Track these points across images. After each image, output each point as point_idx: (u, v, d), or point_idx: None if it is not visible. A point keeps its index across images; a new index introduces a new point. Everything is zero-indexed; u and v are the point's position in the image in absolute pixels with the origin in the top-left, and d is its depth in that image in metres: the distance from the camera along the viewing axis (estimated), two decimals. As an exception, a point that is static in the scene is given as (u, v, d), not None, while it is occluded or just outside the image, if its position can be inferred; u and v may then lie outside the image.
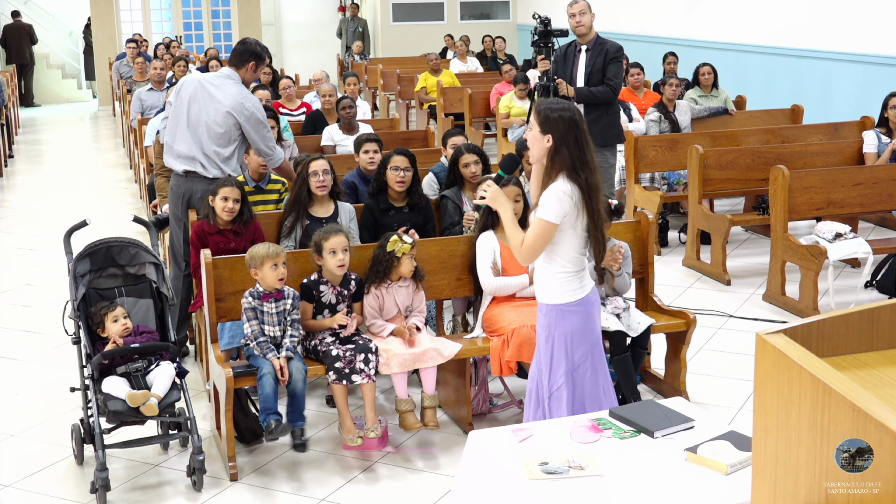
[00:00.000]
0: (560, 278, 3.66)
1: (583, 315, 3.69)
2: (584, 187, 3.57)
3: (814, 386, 1.72)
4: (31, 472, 4.44)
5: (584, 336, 3.70)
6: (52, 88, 20.09)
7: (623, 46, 7.20)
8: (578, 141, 3.58)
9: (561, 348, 3.70)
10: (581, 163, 3.57)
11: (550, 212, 3.54)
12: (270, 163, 5.69)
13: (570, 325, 3.68)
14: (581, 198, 3.57)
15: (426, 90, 12.83)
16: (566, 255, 3.63)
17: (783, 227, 6.48)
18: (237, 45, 5.81)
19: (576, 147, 3.57)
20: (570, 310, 3.67)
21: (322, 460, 4.50)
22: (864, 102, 9.29)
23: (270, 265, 4.42)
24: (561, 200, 3.54)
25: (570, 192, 3.55)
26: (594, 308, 3.74)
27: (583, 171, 3.57)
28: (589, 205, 3.58)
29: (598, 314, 3.77)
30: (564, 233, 3.60)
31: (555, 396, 3.73)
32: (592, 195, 3.58)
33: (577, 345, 3.69)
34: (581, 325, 3.69)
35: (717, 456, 2.96)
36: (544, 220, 3.55)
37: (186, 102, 5.57)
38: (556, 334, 3.70)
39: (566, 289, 3.66)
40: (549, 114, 3.60)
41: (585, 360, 3.72)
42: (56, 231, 6.80)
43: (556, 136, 3.58)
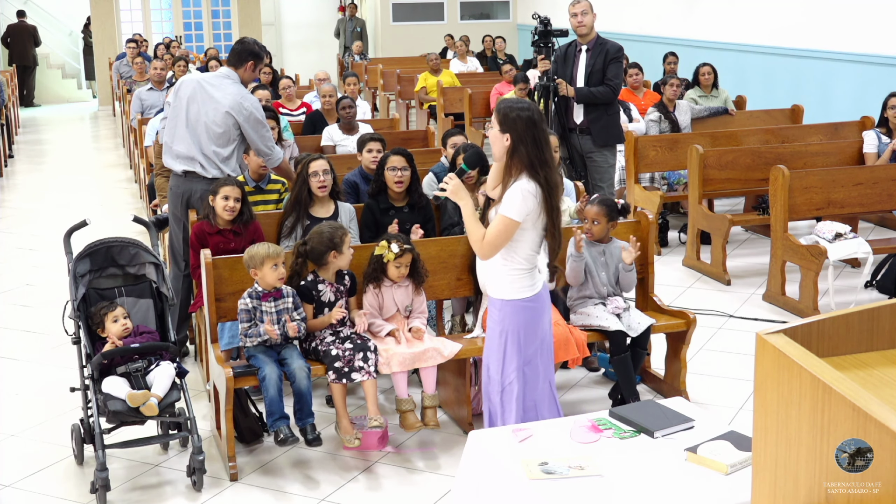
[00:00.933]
0: (515, 274, 3.70)
1: (535, 311, 3.75)
2: (544, 185, 3.60)
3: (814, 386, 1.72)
4: (31, 472, 4.44)
5: (535, 331, 3.77)
6: (52, 88, 20.09)
7: (623, 47, 7.20)
8: (536, 139, 3.61)
9: (514, 343, 3.75)
10: (540, 161, 3.61)
11: (514, 209, 3.59)
12: (269, 163, 5.69)
13: (523, 320, 3.73)
14: (543, 196, 3.61)
15: (426, 90, 12.83)
16: (523, 253, 3.67)
17: (783, 227, 6.48)
18: (235, 44, 5.81)
19: (534, 146, 3.60)
20: (524, 305, 3.72)
21: (322, 460, 4.50)
22: (864, 102, 9.29)
23: (271, 265, 4.43)
24: (526, 199, 3.58)
25: (534, 192, 3.59)
26: (545, 305, 3.81)
27: (542, 169, 3.60)
28: (549, 203, 3.62)
29: (548, 311, 3.83)
30: (525, 231, 3.64)
31: (507, 391, 3.78)
32: (552, 193, 3.62)
33: (529, 340, 3.76)
34: (533, 320, 3.75)
35: (717, 456, 2.96)
36: (508, 217, 3.59)
37: (185, 102, 5.57)
38: (510, 329, 3.74)
39: (521, 285, 3.71)
40: (508, 112, 3.64)
41: (536, 355, 3.78)
42: (56, 231, 6.80)
43: (514, 134, 3.62)
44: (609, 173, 7.15)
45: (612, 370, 5.09)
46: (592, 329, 4.81)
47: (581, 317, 4.87)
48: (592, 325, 4.81)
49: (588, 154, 7.07)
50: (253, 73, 5.72)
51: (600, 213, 4.88)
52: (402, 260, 4.62)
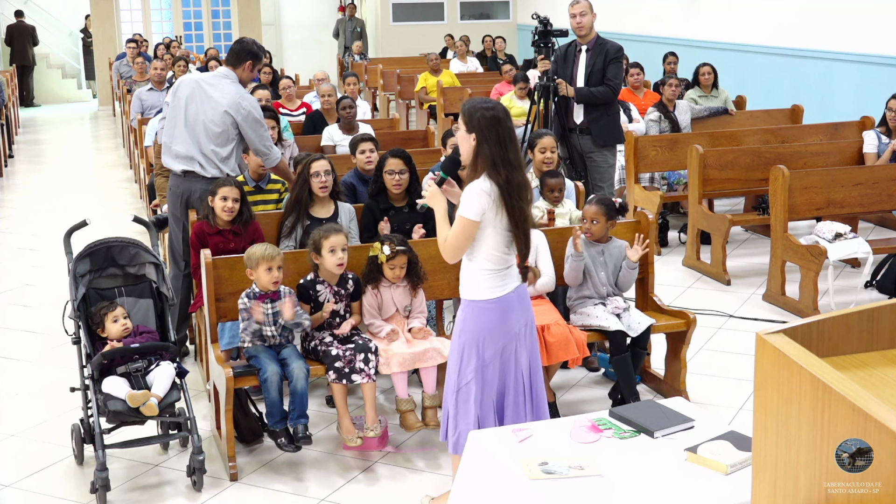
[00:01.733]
0: (480, 275, 3.67)
1: (498, 313, 3.68)
2: (503, 185, 3.56)
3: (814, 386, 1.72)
4: (31, 472, 4.44)
5: (497, 335, 3.69)
6: (52, 88, 20.10)
7: (623, 47, 7.20)
8: (500, 138, 3.59)
9: (472, 344, 3.71)
10: (502, 160, 3.57)
11: (468, 209, 3.57)
12: (267, 162, 5.68)
13: (484, 323, 3.68)
14: (500, 195, 3.57)
15: (426, 90, 12.83)
16: (486, 254, 3.64)
17: (783, 227, 6.48)
18: (234, 44, 5.81)
19: (497, 145, 3.58)
20: (485, 307, 3.67)
21: (322, 460, 4.50)
22: (864, 102, 9.29)
23: (265, 267, 4.43)
24: (479, 198, 3.56)
25: (488, 190, 3.57)
26: (513, 308, 3.70)
27: (504, 168, 3.57)
28: (509, 203, 3.58)
29: (517, 315, 3.72)
30: (485, 230, 3.61)
31: (463, 391, 3.74)
32: (513, 193, 3.58)
33: (489, 343, 3.69)
34: (495, 323, 3.68)
35: (717, 456, 2.96)
36: (463, 216, 3.57)
37: (184, 102, 5.57)
38: (469, 330, 3.71)
39: (486, 286, 3.66)
40: (473, 112, 3.62)
41: (495, 358, 3.71)
42: (56, 231, 6.80)
43: (479, 134, 3.59)
44: (609, 173, 7.15)
45: (612, 370, 5.09)
46: (592, 329, 4.81)
47: (581, 317, 4.87)
48: (592, 325, 4.81)
49: (588, 154, 7.07)
50: (251, 73, 5.72)
51: (599, 213, 4.88)
52: (395, 261, 4.61)
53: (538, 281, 4.84)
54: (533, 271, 4.53)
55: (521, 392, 3.77)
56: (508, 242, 3.64)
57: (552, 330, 4.57)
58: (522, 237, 3.64)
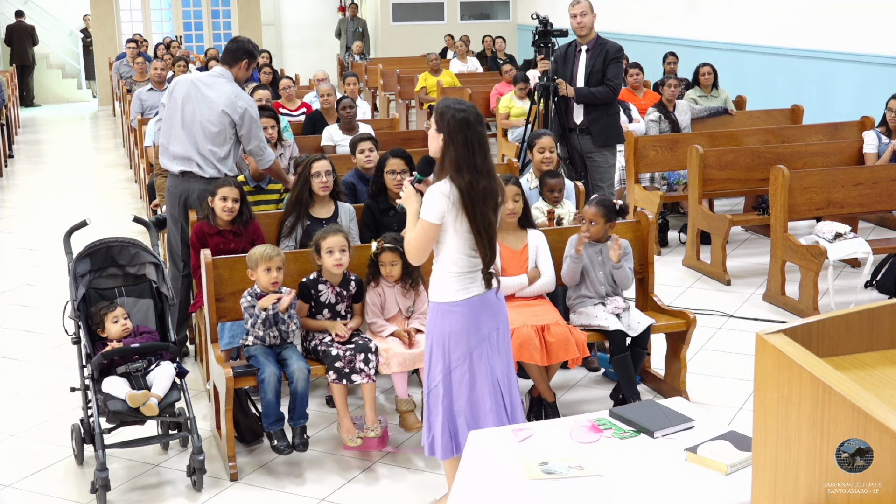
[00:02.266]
0: (446, 277, 3.65)
1: (463, 316, 3.64)
2: (464, 189, 3.53)
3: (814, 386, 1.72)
4: (31, 472, 4.44)
5: (462, 338, 3.65)
6: (52, 88, 20.10)
7: (623, 47, 7.20)
8: (467, 141, 3.56)
9: (439, 347, 3.69)
10: (467, 164, 3.54)
11: (427, 211, 3.56)
12: (261, 163, 5.67)
13: (449, 325, 3.66)
14: (460, 199, 3.54)
15: (426, 90, 12.83)
16: (450, 256, 3.62)
17: (783, 227, 6.48)
18: (229, 43, 5.80)
19: (463, 147, 3.55)
20: (450, 309, 3.65)
21: (322, 460, 4.51)
22: (864, 102, 9.29)
23: (264, 268, 4.43)
24: (438, 200, 3.54)
25: (447, 192, 3.55)
26: (478, 312, 3.65)
27: (467, 172, 3.54)
28: (469, 207, 3.54)
29: (485, 318, 3.67)
30: (446, 233, 3.59)
31: (433, 394, 3.73)
32: (475, 197, 3.54)
33: (454, 346, 3.66)
34: (460, 326, 3.65)
35: (717, 456, 2.96)
36: (424, 219, 3.57)
37: (180, 103, 5.56)
38: (436, 332, 3.70)
39: (450, 288, 3.64)
40: (444, 112, 3.60)
41: (463, 362, 3.67)
42: (56, 231, 6.80)
43: (447, 135, 3.58)
44: (609, 173, 7.15)
45: (612, 370, 5.09)
46: (592, 329, 4.81)
47: (581, 317, 4.87)
48: (592, 325, 4.81)
49: (588, 154, 7.07)
50: (247, 72, 5.71)
51: (598, 214, 4.88)
52: (385, 258, 4.60)
53: (538, 281, 4.84)
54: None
55: (500, 399, 3.71)
56: (474, 246, 3.60)
57: (552, 330, 4.57)
58: (485, 243, 3.59)
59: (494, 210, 3.62)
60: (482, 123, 3.63)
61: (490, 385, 3.70)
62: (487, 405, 3.70)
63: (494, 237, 3.64)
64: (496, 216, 3.63)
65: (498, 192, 3.64)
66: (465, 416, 3.71)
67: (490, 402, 3.70)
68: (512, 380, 3.80)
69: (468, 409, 3.71)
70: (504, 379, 3.75)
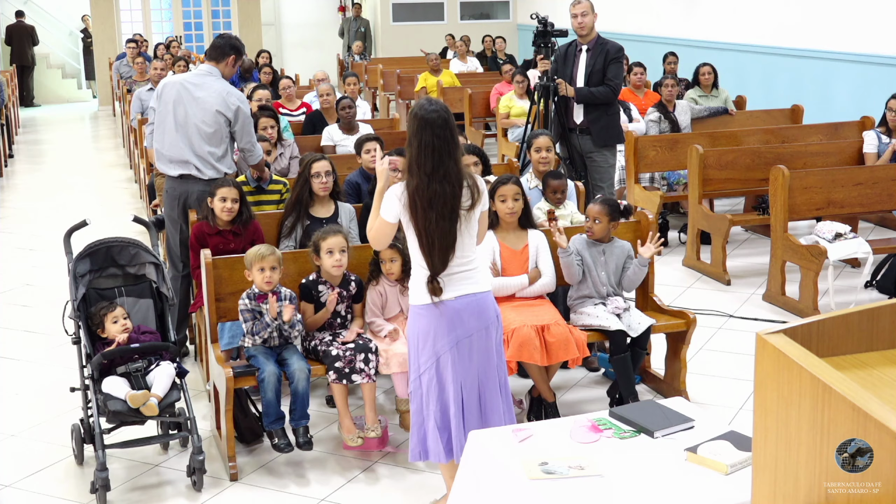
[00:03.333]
0: (416, 279, 3.67)
1: (428, 320, 3.62)
2: (410, 192, 3.54)
3: (814, 386, 1.72)
4: (31, 472, 4.44)
5: (428, 341, 3.65)
6: (52, 88, 20.09)
7: (623, 47, 7.20)
8: (422, 144, 3.55)
9: (413, 349, 3.72)
10: (418, 167, 3.54)
11: (384, 209, 3.61)
12: (250, 158, 5.67)
13: (417, 327, 3.67)
14: (408, 202, 3.54)
15: (426, 90, 12.83)
16: (415, 258, 3.64)
17: (783, 227, 6.48)
18: (216, 39, 5.76)
19: (418, 150, 3.55)
20: (417, 311, 3.67)
21: (322, 460, 4.51)
22: (864, 102, 9.29)
23: (258, 268, 4.43)
24: (390, 200, 3.58)
25: (399, 194, 3.57)
26: (446, 317, 3.61)
27: (416, 175, 3.54)
28: (414, 211, 3.53)
29: (455, 325, 3.62)
30: (408, 234, 3.63)
31: (413, 394, 3.76)
32: (421, 202, 3.51)
33: (422, 348, 3.67)
34: (426, 329, 3.64)
35: (717, 456, 2.96)
36: (381, 216, 3.62)
37: (171, 106, 5.53)
38: (410, 334, 3.74)
39: (419, 290, 3.65)
40: (414, 112, 3.63)
41: (431, 366, 3.66)
42: (56, 231, 6.80)
43: (409, 135, 3.62)
44: (609, 173, 7.15)
45: (612, 370, 5.09)
46: (592, 329, 4.81)
47: (581, 317, 4.87)
48: (592, 325, 4.81)
49: (588, 154, 7.08)
50: (233, 69, 5.69)
51: (601, 213, 4.88)
52: (385, 254, 4.61)
53: (538, 281, 4.84)
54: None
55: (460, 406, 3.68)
56: None
57: (552, 330, 4.57)
58: (429, 250, 3.55)
59: (451, 216, 3.54)
60: (448, 126, 3.58)
61: (454, 392, 3.66)
62: (452, 410, 3.67)
63: (449, 245, 3.56)
64: (453, 223, 3.55)
65: (457, 197, 3.56)
66: (435, 420, 3.69)
67: (454, 409, 3.67)
68: (487, 386, 3.72)
69: (438, 413, 3.69)
70: (472, 387, 3.68)
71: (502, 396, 3.78)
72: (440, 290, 3.59)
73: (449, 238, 3.56)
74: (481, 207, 3.70)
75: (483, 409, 3.72)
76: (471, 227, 3.66)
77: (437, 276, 3.58)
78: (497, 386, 3.75)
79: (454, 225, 3.57)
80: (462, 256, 3.64)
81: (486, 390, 3.73)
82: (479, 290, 3.68)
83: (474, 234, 3.70)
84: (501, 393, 3.78)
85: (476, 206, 3.65)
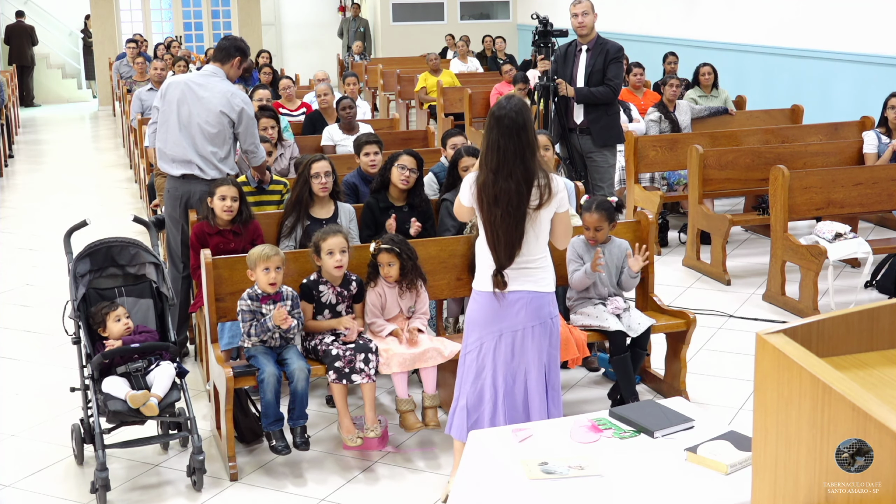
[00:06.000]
0: (478, 264, 3.81)
1: (480, 306, 3.79)
2: (479, 185, 3.70)
3: (814, 386, 1.71)
4: (31, 472, 4.44)
5: (475, 327, 3.80)
6: (52, 88, 20.09)
7: (623, 47, 7.20)
8: (490, 140, 3.70)
9: (466, 328, 3.88)
10: (486, 162, 3.69)
11: (462, 192, 3.77)
12: (254, 160, 5.66)
13: (472, 311, 3.83)
14: (477, 195, 3.70)
15: (426, 90, 12.84)
16: (480, 244, 3.78)
17: (783, 227, 6.48)
18: (221, 41, 5.77)
19: (488, 146, 3.70)
20: (475, 296, 3.83)
21: (322, 460, 4.51)
22: (864, 102, 9.29)
23: (262, 268, 4.42)
24: (464, 187, 3.77)
25: (470, 183, 3.74)
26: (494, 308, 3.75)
27: (484, 170, 3.68)
28: (481, 204, 3.69)
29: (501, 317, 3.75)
30: (478, 223, 3.75)
31: (459, 370, 3.91)
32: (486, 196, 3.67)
33: (469, 331, 3.83)
34: (475, 315, 3.80)
35: (717, 456, 2.96)
36: (458, 198, 3.84)
37: (175, 105, 5.53)
38: (467, 314, 3.91)
39: (479, 275, 3.81)
40: (492, 109, 3.73)
41: (474, 349, 3.81)
42: (56, 231, 6.81)
43: (485, 130, 3.75)
44: (609, 173, 7.15)
45: (612, 370, 5.09)
46: (592, 329, 4.81)
47: (581, 317, 4.87)
48: (592, 325, 4.81)
49: (588, 154, 7.08)
50: (238, 70, 5.69)
51: (601, 219, 4.86)
52: (382, 259, 4.61)
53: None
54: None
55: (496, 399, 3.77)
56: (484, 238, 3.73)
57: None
58: (495, 243, 3.66)
59: (516, 214, 3.62)
60: (516, 125, 3.62)
61: (492, 380, 3.78)
62: (486, 396, 3.79)
63: (514, 241, 3.65)
64: (519, 221, 3.63)
65: (523, 196, 3.62)
66: (468, 400, 3.81)
67: (489, 395, 3.79)
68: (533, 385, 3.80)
69: (472, 395, 3.80)
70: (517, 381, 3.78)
71: (550, 399, 3.84)
72: (504, 284, 3.71)
73: (514, 235, 3.64)
74: (555, 208, 3.73)
75: (527, 408, 3.80)
76: (538, 226, 3.70)
77: (502, 271, 3.69)
78: (543, 386, 3.82)
79: (521, 223, 3.63)
80: (528, 254, 3.71)
81: (531, 389, 3.81)
82: (537, 288, 3.76)
83: (543, 234, 3.74)
84: (549, 395, 3.84)
85: (544, 206, 3.68)
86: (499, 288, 3.70)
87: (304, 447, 4.39)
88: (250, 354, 4.43)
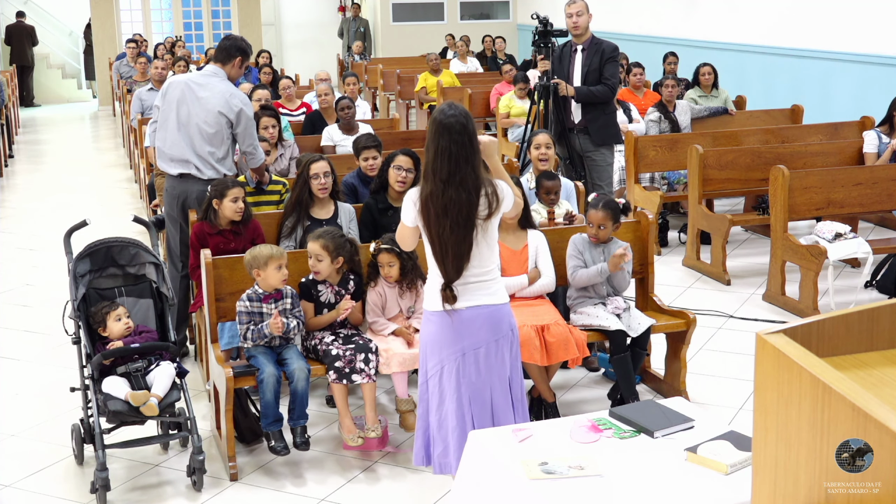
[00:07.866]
0: (430, 284, 3.65)
1: (437, 326, 3.60)
2: (424, 198, 3.53)
3: (814, 386, 1.71)
4: (31, 472, 4.44)
5: (435, 348, 3.62)
6: (52, 88, 20.09)
7: (618, 46, 7.21)
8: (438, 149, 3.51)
9: (422, 353, 3.70)
10: (433, 173, 3.51)
11: (403, 213, 3.61)
12: (252, 161, 5.66)
13: (426, 333, 3.66)
14: (422, 207, 3.54)
15: (426, 90, 12.83)
16: (430, 263, 3.61)
17: (783, 227, 6.48)
18: (222, 41, 5.75)
19: (434, 155, 3.52)
20: (428, 317, 3.66)
21: (322, 460, 4.51)
22: (864, 102, 9.29)
23: (275, 266, 4.43)
24: (407, 205, 3.60)
25: (414, 199, 3.57)
26: (454, 326, 3.57)
27: (430, 181, 3.52)
28: (426, 217, 3.53)
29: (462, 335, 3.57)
30: (424, 239, 3.60)
31: (421, 397, 3.73)
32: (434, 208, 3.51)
33: (429, 354, 3.65)
34: (434, 336, 3.62)
35: (717, 456, 2.96)
36: (401, 220, 3.64)
37: (175, 105, 5.53)
38: (421, 338, 3.72)
39: (431, 296, 3.63)
40: (434, 116, 3.59)
41: (435, 374, 3.63)
42: (56, 231, 6.80)
43: (427, 139, 3.58)
44: (607, 172, 7.16)
45: (612, 370, 5.09)
46: (592, 329, 4.81)
47: (581, 317, 4.87)
48: (592, 325, 4.81)
49: (587, 153, 7.08)
50: (240, 71, 5.67)
51: (606, 218, 4.86)
52: (382, 259, 4.61)
53: (538, 282, 4.84)
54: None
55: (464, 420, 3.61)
56: (432, 256, 3.56)
57: (552, 330, 4.57)
58: (442, 257, 3.50)
59: (466, 225, 3.48)
60: (466, 132, 3.49)
61: (456, 403, 3.61)
62: (450, 424, 3.62)
63: (463, 253, 3.50)
64: (468, 231, 3.49)
65: (473, 205, 3.48)
66: (433, 430, 3.67)
67: (453, 422, 3.62)
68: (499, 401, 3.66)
69: (437, 424, 3.66)
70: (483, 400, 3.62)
71: (516, 412, 3.70)
72: (454, 298, 3.53)
73: (463, 246, 3.50)
74: (502, 213, 3.63)
75: (495, 423, 3.64)
76: (489, 236, 3.57)
77: (451, 285, 3.53)
78: (509, 401, 3.68)
79: (469, 233, 3.50)
80: (479, 266, 3.56)
81: (498, 405, 3.66)
82: (494, 301, 3.61)
83: (493, 244, 3.62)
84: (515, 409, 3.70)
85: (494, 214, 3.56)
86: (448, 303, 3.52)
87: (305, 447, 4.39)
88: (250, 354, 4.44)
